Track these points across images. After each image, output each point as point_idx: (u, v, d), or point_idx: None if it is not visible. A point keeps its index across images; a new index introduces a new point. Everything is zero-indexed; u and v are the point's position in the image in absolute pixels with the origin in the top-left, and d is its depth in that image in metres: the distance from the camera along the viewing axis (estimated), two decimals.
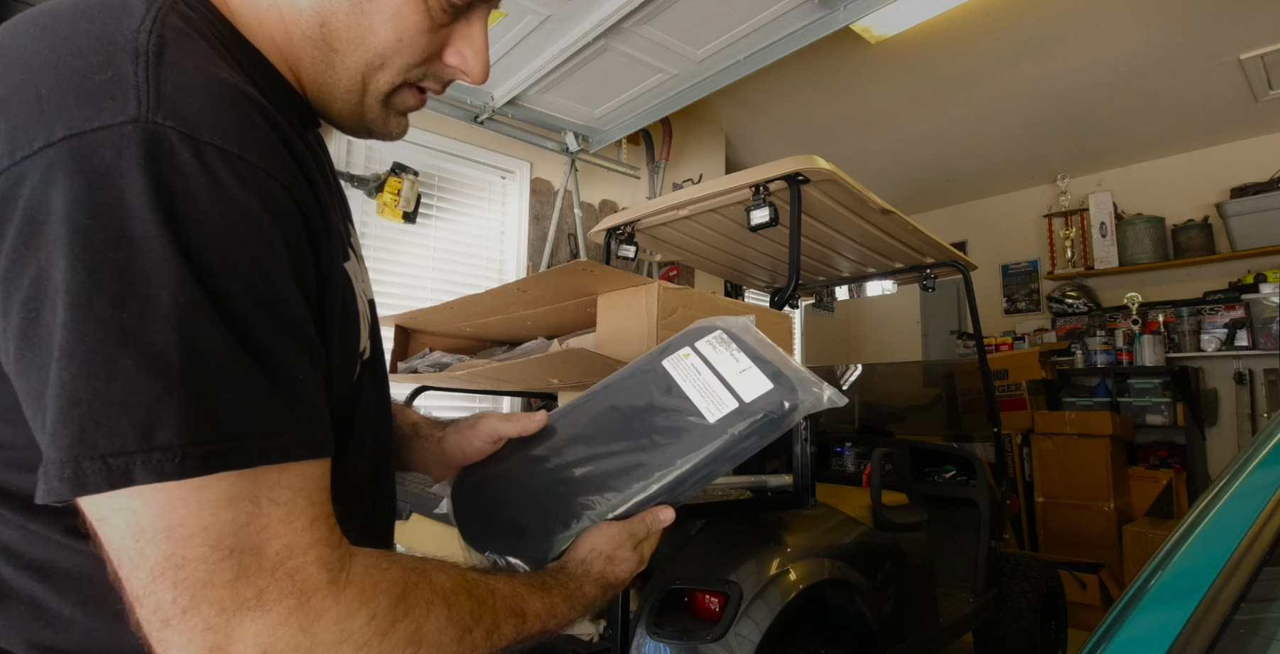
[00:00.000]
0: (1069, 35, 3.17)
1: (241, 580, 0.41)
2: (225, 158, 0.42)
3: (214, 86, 0.43)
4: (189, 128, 0.41)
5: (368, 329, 0.64)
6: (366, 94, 0.58)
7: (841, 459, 2.77)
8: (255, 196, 0.43)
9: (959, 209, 5.64)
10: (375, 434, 0.67)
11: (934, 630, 2.03)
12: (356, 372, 0.60)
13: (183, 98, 0.41)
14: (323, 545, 0.44)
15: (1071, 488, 3.77)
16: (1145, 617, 0.56)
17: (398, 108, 0.61)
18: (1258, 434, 0.85)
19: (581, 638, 1.60)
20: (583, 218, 3.36)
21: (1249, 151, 4.25)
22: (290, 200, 0.46)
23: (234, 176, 0.42)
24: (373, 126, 0.61)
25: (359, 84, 0.57)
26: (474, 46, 0.60)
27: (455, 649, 0.50)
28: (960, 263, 2.69)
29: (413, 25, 0.55)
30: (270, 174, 0.44)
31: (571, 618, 0.62)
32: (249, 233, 0.42)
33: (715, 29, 2.37)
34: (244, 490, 0.42)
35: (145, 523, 0.39)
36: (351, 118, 0.60)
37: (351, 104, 0.58)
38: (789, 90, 3.68)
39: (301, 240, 0.47)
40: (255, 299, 0.43)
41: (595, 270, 1.25)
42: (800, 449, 1.59)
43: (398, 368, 1.94)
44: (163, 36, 0.43)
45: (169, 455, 0.38)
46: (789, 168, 1.80)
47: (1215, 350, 4.11)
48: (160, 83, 0.41)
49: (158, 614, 0.40)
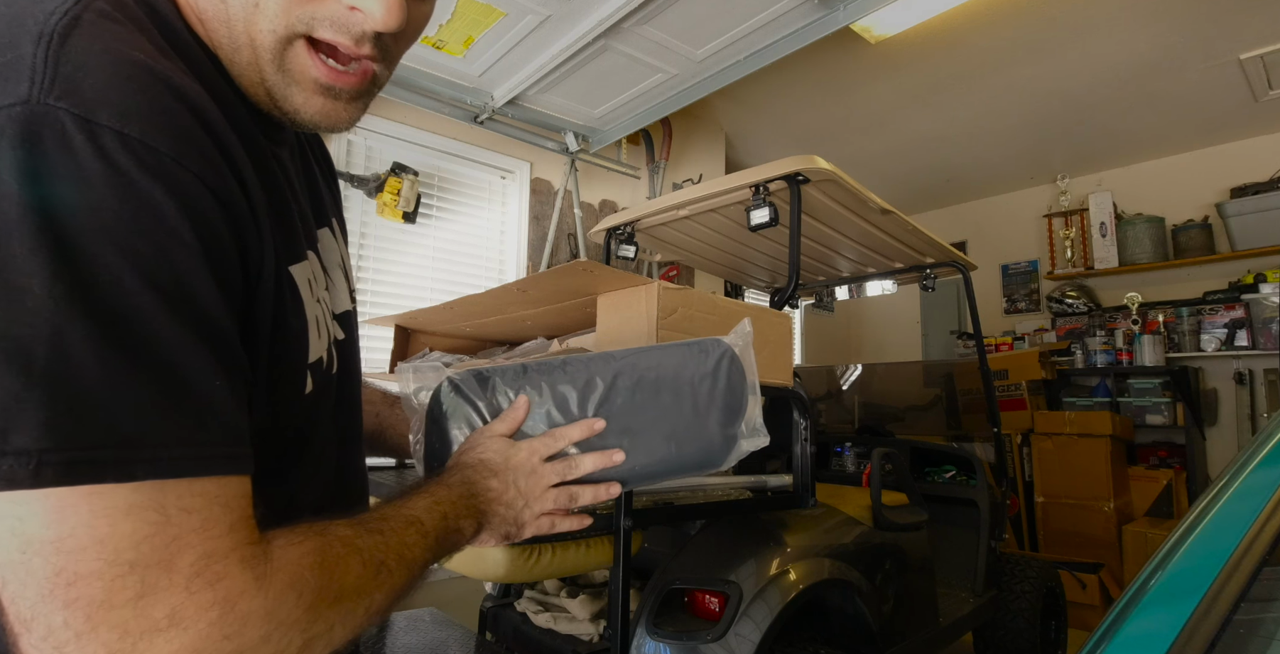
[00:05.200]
0: (1069, 35, 3.17)
1: (147, 599, 0.37)
2: (124, 141, 0.38)
3: (122, 68, 0.40)
4: (84, 109, 0.38)
5: (327, 340, 0.61)
6: (257, 54, 0.49)
7: (841, 459, 2.77)
8: (158, 183, 0.39)
9: (959, 209, 5.64)
10: (337, 451, 0.65)
11: (934, 630, 2.03)
12: (308, 385, 0.57)
13: (82, 78, 0.38)
14: (245, 546, 0.42)
15: (1071, 488, 3.77)
16: (1145, 617, 0.56)
17: (300, 77, 0.50)
18: (1258, 434, 0.85)
19: (581, 638, 1.60)
20: (583, 218, 3.36)
21: (1249, 151, 4.25)
22: (205, 192, 0.42)
23: (134, 162, 0.38)
24: (283, 104, 0.51)
25: (247, 40, 0.48)
26: None
27: (377, 583, 0.50)
28: (960, 263, 2.69)
29: None
30: (178, 161, 0.40)
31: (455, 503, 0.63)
32: (150, 222, 0.39)
33: (715, 29, 2.37)
34: (147, 500, 0.38)
35: (31, 533, 0.35)
36: (264, 97, 0.51)
37: (253, 77, 0.50)
38: (789, 90, 3.68)
39: (220, 236, 0.43)
40: (155, 294, 0.39)
41: (595, 270, 1.25)
42: (800, 449, 1.60)
43: (398, 368, 1.93)
44: (78, 18, 0.40)
45: (22, 461, 0.34)
46: (789, 168, 1.80)
47: (1215, 350, 4.11)
48: (59, 64, 0.38)
49: (49, 641, 0.35)
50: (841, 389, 3.61)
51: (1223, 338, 4.09)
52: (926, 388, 3.50)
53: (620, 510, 1.15)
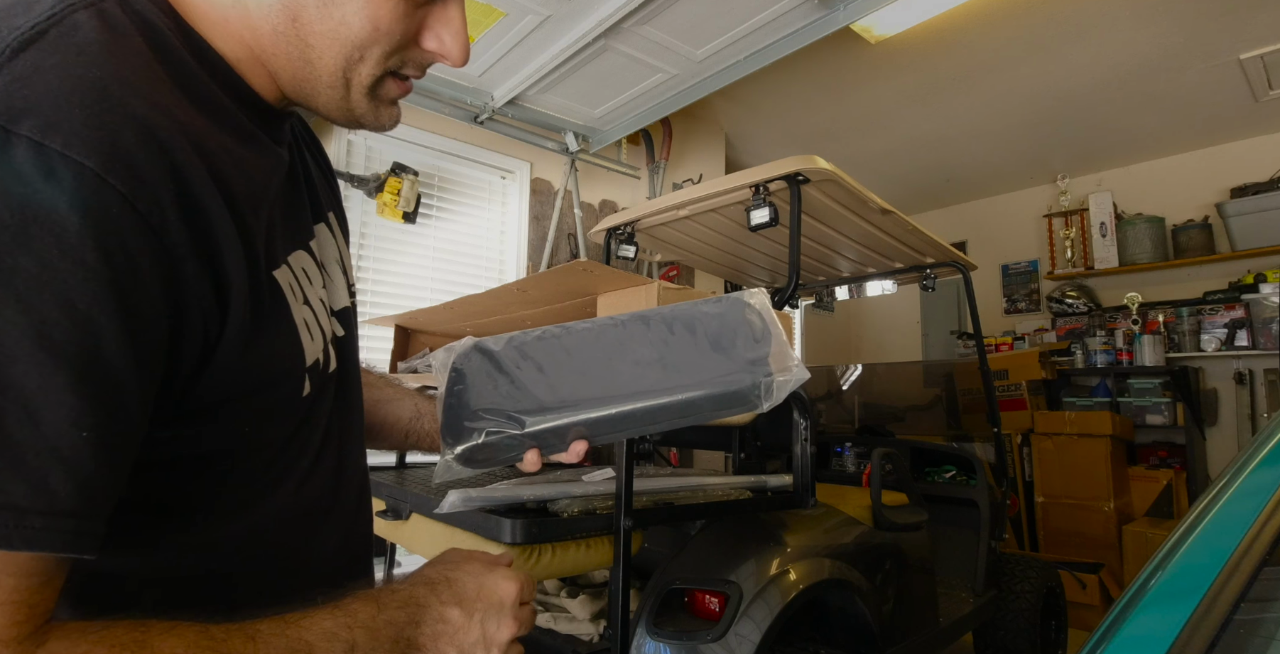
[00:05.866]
0: (1069, 35, 3.17)
1: None
2: (39, 151, 0.36)
3: (67, 84, 0.38)
4: (6, 118, 0.36)
5: (323, 340, 0.60)
6: (351, 89, 0.55)
7: (841, 459, 2.77)
8: (65, 197, 0.36)
9: (959, 209, 5.64)
10: (338, 450, 0.63)
11: (934, 630, 2.03)
12: (308, 387, 0.56)
13: (17, 90, 0.37)
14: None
15: (1071, 488, 3.77)
16: (1145, 617, 0.56)
17: (384, 98, 0.58)
18: (1258, 434, 0.85)
19: (581, 638, 1.60)
20: (583, 218, 3.36)
21: (1249, 151, 4.25)
22: (130, 213, 0.39)
23: (42, 172, 0.36)
24: (363, 120, 0.58)
25: (341, 80, 0.54)
26: (451, 28, 0.56)
27: None
28: (960, 263, 2.69)
29: (387, 12, 0.52)
30: (102, 178, 0.37)
31: (377, 632, 0.49)
32: (42, 236, 0.36)
33: (715, 29, 2.37)
34: None
35: None
36: (340, 112, 0.57)
37: (337, 99, 0.55)
38: (789, 90, 3.68)
39: (136, 263, 0.39)
40: (21, 317, 0.35)
41: (595, 270, 1.25)
42: (800, 449, 1.60)
43: (398, 368, 1.94)
44: (42, 33, 0.39)
45: None
46: (789, 168, 1.80)
47: (1215, 350, 4.11)
48: (0, 76, 0.37)
49: None
50: (841, 389, 3.61)
51: (1223, 338, 4.09)
52: (926, 388, 3.50)
53: (620, 510, 1.15)
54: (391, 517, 1.46)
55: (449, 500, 1.02)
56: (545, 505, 1.17)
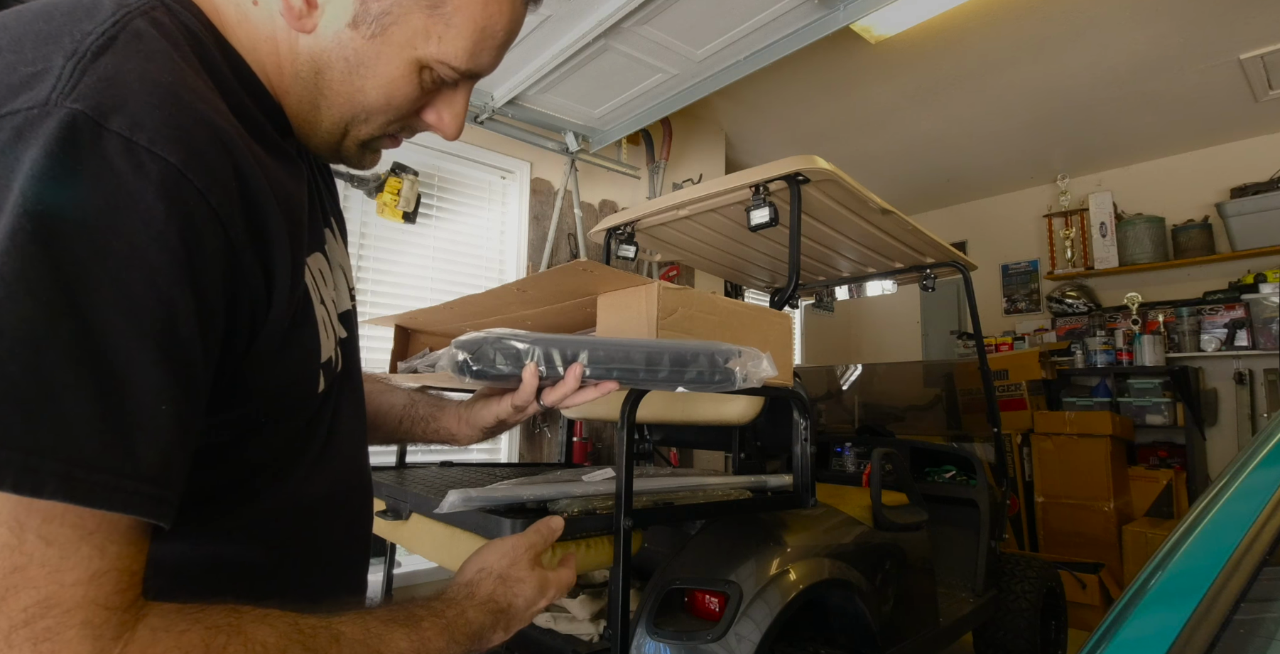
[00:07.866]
0: (1069, 35, 3.17)
1: None
2: (129, 147, 0.39)
3: (146, 85, 0.41)
4: (97, 113, 0.38)
5: (334, 340, 0.62)
6: (346, 139, 0.59)
7: (841, 459, 2.77)
8: (152, 188, 0.39)
9: (959, 209, 5.64)
10: (343, 447, 0.65)
11: (934, 630, 2.03)
12: (322, 383, 0.58)
13: (103, 88, 0.39)
14: (95, 606, 0.35)
15: (1071, 488, 3.77)
16: (1145, 617, 0.56)
17: (372, 148, 0.63)
18: (1258, 434, 0.85)
19: (581, 638, 1.60)
20: (583, 218, 3.36)
21: (1249, 151, 4.25)
22: (206, 206, 0.42)
23: (132, 165, 0.38)
24: (348, 162, 0.63)
25: (340, 130, 0.59)
26: (454, 110, 0.62)
27: None
28: (960, 263, 2.69)
29: (403, 94, 0.57)
30: (183, 173, 0.40)
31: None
32: (133, 223, 0.38)
33: (715, 29, 2.37)
34: (6, 513, 0.34)
35: None
36: (328, 151, 0.61)
37: (330, 142, 0.60)
38: (789, 90, 3.68)
39: (211, 253, 0.42)
40: (118, 295, 0.37)
41: (595, 270, 1.25)
42: (800, 449, 1.59)
43: (398, 368, 1.94)
44: (113, 39, 0.41)
45: None
46: (789, 168, 1.80)
47: (1215, 350, 4.11)
48: (85, 75, 0.39)
49: None
50: (841, 389, 3.61)
51: (1223, 338, 4.09)
52: (926, 388, 3.51)
53: (620, 510, 1.15)
54: (391, 517, 1.46)
55: (449, 500, 1.02)
56: (545, 505, 1.17)
